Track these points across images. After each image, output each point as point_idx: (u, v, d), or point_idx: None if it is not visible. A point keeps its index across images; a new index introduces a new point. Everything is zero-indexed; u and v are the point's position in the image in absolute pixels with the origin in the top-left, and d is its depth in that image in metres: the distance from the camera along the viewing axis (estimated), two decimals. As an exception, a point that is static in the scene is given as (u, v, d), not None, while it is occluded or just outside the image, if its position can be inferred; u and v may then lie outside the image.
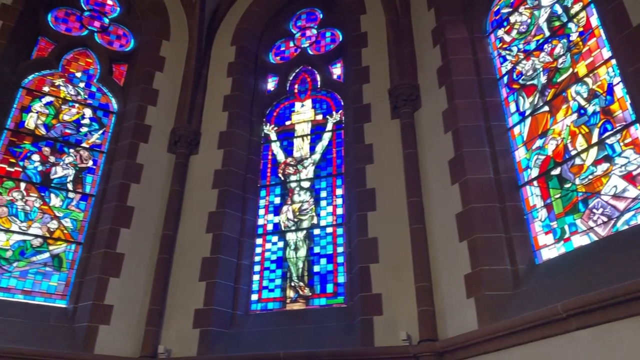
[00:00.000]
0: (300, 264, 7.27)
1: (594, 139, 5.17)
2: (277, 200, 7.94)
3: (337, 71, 8.80)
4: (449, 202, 6.07)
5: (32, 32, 8.48)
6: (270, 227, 7.72)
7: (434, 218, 6.25)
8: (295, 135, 8.44)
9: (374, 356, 5.81)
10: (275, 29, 9.55)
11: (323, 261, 7.18)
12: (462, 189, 5.95)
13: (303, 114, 8.61)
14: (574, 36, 5.83)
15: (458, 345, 5.29)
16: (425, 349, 5.51)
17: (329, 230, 7.38)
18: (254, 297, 7.18)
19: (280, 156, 8.31)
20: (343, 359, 5.94)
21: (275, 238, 7.62)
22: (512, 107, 6.35)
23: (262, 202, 7.95)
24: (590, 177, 5.10)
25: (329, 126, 8.30)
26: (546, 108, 5.89)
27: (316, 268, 7.16)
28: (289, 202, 7.82)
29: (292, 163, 8.17)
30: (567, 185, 5.33)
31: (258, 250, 7.54)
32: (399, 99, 7.14)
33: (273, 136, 8.55)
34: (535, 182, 5.70)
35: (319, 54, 9.04)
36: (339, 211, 7.46)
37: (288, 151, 8.33)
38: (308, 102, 8.71)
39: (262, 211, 7.88)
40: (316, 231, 7.45)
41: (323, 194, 7.72)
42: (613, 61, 5.21)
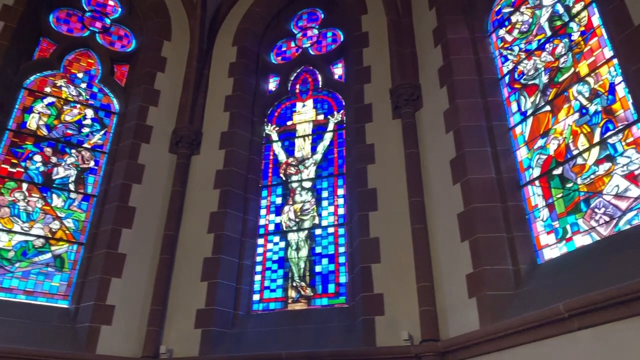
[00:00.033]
0: (301, 264, 7.27)
1: (596, 139, 5.16)
2: (279, 200, 7.94)
3: (339, 71, 8.79)
4: (451, 202, 6.06)
5: (34, 33, 8.50)
6: (271, 227, 7.73)
7: (436, 218, 6.25)
8: (296, 135, 8.44)
9: (376, 356, 5.81)
10: (276, 29, 9.55)
11: (325, 261, 7.18)
12: (464, 189, 5.95)
13: (304, 114, 8.61)
14: (576, 36, 5.82)
15: (460, 345, 5.29)
16: (427, 349, 5.50)
17: (331, 230, 7.38)
18: (256, 297, 7.18)
19: (281, 156, 8.32)
20: (345, 359, 5.95)
21: (276, 238, 7.62)
22: (514, 107, 6.34)
23: (264, 202, 7.95)
24: (592, 177, 5.09)
25: (331, 126, 8.30)
26: (548, 108, 5.88)
27: (318, 268, 7.16)
28: (291, 202, 7.82)
29: (294, 163, 8.17)
30: (569, 185, 5.32)
31: (260, 250, 7.55)
32: (401, 99, 7.14)
33: (274, 136, 8.55)
34: (537, 182, 5.69)
35: (320, 54, 9.04)
36: (341, 211, 7.45)
37: (289, 151, 8.33)
38: (309, 102, 8.71)
39: (264, 211, 7.88)
40: (318, 231, 7.45)
41: (324, 194, 7.72)
42: (615, 60, 5.20)
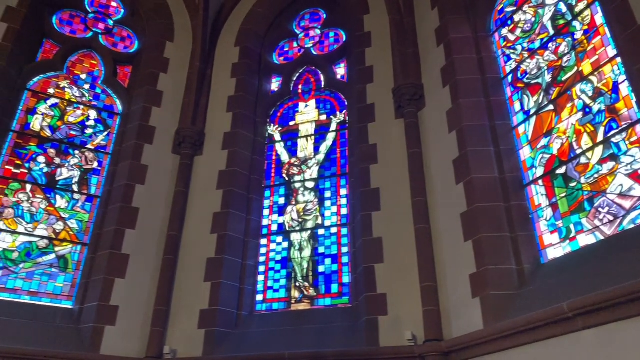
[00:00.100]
0: (305, 264, 7.27)
1: (600, 138, 5.15)
2: (282, 200, 7.94)
3: (341, 71, 8.79)
4: (454, 202, 6.05)
5: (37, 35, 8.53)
6: (274, 228, 7.73)
7: (439, 218, 6.24)
8: (299, 135, 8.44)
9: (379, 356, 5.80)
10: (278, 30, 9.56)
11: (328, 261, 7.18)
12: (467, 189, 5.94)
13: (307, 114, 8.61)
14: (579, 34, 5.80)
15: (463, 345, 5.28)
16: (430, 349, 5.50)
17: (334, 230, 7.38)
18: (259, 298, 7.18)
19: (284, 156, 8.32)
20: (348, 359, 5.94)
21: (279, 238, 7.62)
22: (517, 106, 6.33)
23: (267, 203, 7.95)
24: (595, 176, 5.08)
25: (333, 126, 8.30)
26: (551, 107, 5.86)
27: (321, 268, 7.16)
28: (294, 203, 7.82)
29: (297, 163, 8.17)
30: (573, 184, 5.30)
31: (263, 250, 7.55)
32: (403, 99, 7.13)
33: (277, 136, 8.55)
34: (540, 181, 5.67)
35: (323, 54, 9.04)
36: (344, 211, 7.45)
37: (292, 151, 8.33)
38: (312, 103, 8.71)
39: (267, 211, 7.88)
40: (321, 231, 7.45)
41: (327, 194, 7.72)
42: (618, 59, 5.19)
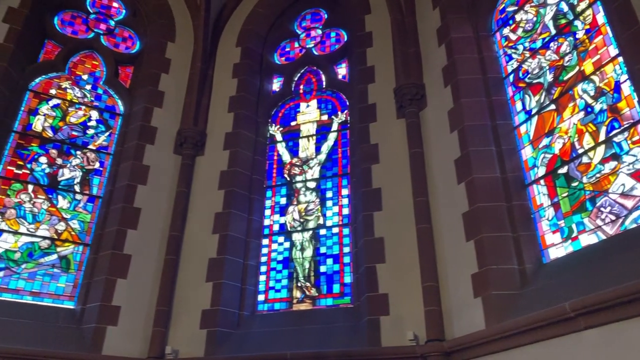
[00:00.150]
0: (306, 265, 7.27)
1: (601, 137, 5.14)
2: (283, 200, 7.94)
3: (342, 71, 8.79)
4: (456, 202, 6.05)
5: (39, 35, 8.54)
6: (276, 228, 7.73)
7: (441, 217, 6.23)
8: (300, 135, 8.44)
9: (381, 356, 5.80)
10: (280, 30, 9.56)
11: (329, 261, 7.17)
12: (469, 188, 5.93)
13: (308, 114, 8.61)
14: (581, 34, 5.80)
15: (465, 345, 5.27)
16: (432, 349, 5.49)
17: (335, 230, 7.37)
18: (261, 298, 7.18)
19: (285, 157, 8.32)
20: (350, 359, 5.94)
21: (281, 238, 7.62)
22: (518, 106, 6.32)
23: (268, 203, 7.96)
24: (597, 176, 5.07)
25: (335, 126, 8.30)
26: (552, 106, 5.85)
27: (322, 268, 7.16)
28: (295, 203, 7.82)
29: (298, 163, 8.17)
30: (575, 183, 5.30)
31: (264, 250, 7.55)
32: (405, 99, 7.13)
33: (278, 137, 8.55)
34: (542, 181, 5.67)
35: (324, 54, 9.04)
36: (345, 211, 7.45)
37: (293, 151, 8.33)
38: (313, 103, 8.71)
39: (268, 212, 7.89)
40: (322, 231, 7.45)
41: (329, 194, 7.72)
42: (620, 59, 5.18)
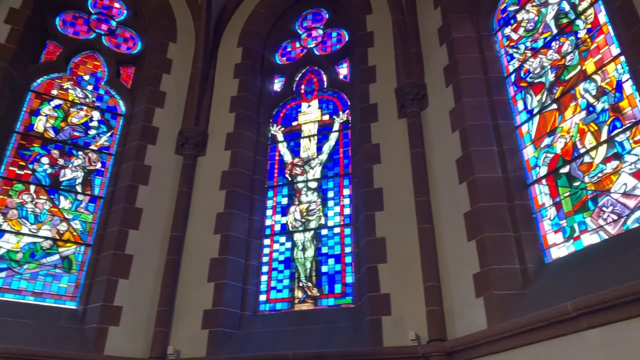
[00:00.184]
0: (308, 265, 7.27)
1: (603, 137, 5.13)
2: (285, 200, 7.94)
3: (344, 71, 8.79)
4: (457, 201, 6.04)
5: (41, 36, 8.55)
6: (277, 228, 7.73)
7: (442, 217, 6.23)
8: (302, 135, 8.44)
9: (383, 356, 5.79)
10: (281, 30, 9.56)
11: (331, 261, 7.17)
12: (470, 188, 5.92)
13: (310, 115, 8.61)
14: (582, 33, 5.79)
15: (467, 345, 5.26)
16: (434, 349, 5.49)
17: (337, 230, 7.37)
18: (262, 298, 7.19)
19: (287, 157, 8.32)
20: (352, 359, 5.94)
21: (283, 239, 7.62)
22: (520, 105, 6.31)
23: (270, 203, 7.96)
24: (599, 175, 5.06)
25: (336, 126, 8.29)
26: (554, 106, 5.84)
27: (324, 268, 7.16)
28: (297, 203, 7.82)
29: (299, 163, 8.17)
30: (576, 183, 5.29)
31: (266, 250, 7.55)
32: (406, 98, 7.12)
33: (280, 137, 8.56)
34: (543, 181, 5.66)
35: (325, 54, 9.04)
36: (347, 211, 7.45)
37: (295, 152, 8.33)
38: (314, 103, 8.71)
39: (270, 212, 7.89)
40: (324, 231, 7.44)
41: (330, 194, 7.72)
42: (622, 58, 5.17)
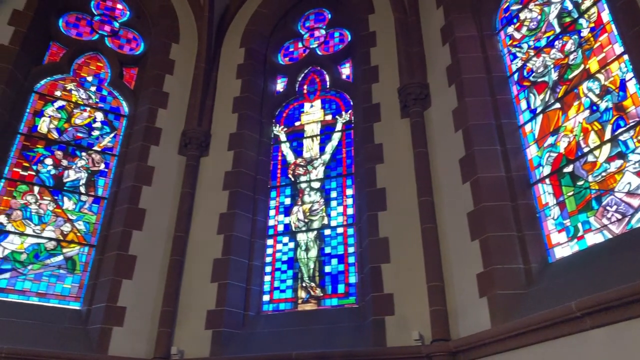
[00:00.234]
0: (311, 265, 7.27)
1: (607, 136, 5.11)
2: (288, 201, 7.94)
3: (346, 71, 8.79)
4: (461, 201, 6.03)
5: (44, 38, 8.58)
6: (280, 228, 7.73)
7: (445, 217, 6.22)
8: (304, 135, 8.44)
9: (386, 356, 5.79)
10: (283, 30, 9.57)
11: (334, 261, 7.17)
12: (474, 188, 5.92)
13: (312, 115, 8.62)
14: (585, 32, 5.77)
15: (471, 345, 5.26)
16: (437, 349, 5.48)
17: (340, 230, 7.37)
18: (266, 298, 7.19)
19: (290, 157, 8.32)
20: (355, 359, 5.94)
21: (286, 239, 7.63)
22: (523, 105, 6.30)
23: (273, 203, 7.96)
24: (603, 174, 5.04)
25: (339, 126, 8.29)
26: (558, 105, 5.83)
27: (327, 268, 7.16)
28: (299, 203, 7.82)
29: (302, 164, 8.17)
30: (580, 182, 5.27)
31: (269, 251, 7.56)
32: (409, 98, 7.11)
33: (283, 137, 8.56)
34: (547, 180, 5.64)
35: (328, 54, 9.04)
36: (350, 211, 7.44)
37: (298, 152, 8.33)
38: (317, 103, 8.71)
39: (273, 212, 7.89)
40: (327, 231, 7.44)
41: (333, 194, 7.71)
42: (625, 57, 5.15)
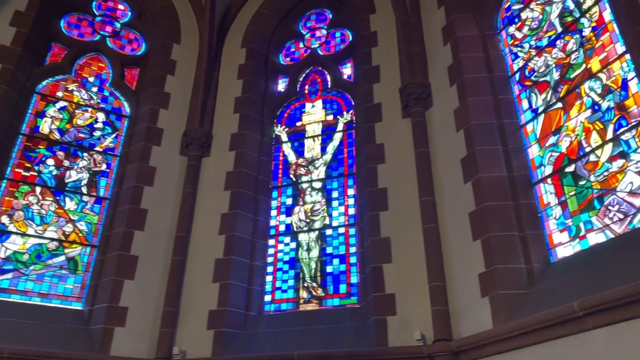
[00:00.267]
0: (312, 265, 7.27)
1: (609, 135, 5.10)
2: (289, 201, 7.94)
3: (348, 71, 8.78)
4: (462, 201, 6.02)
5: (46, 38, 8.59)
6: (282, 228, 7.73)
7: (447, 217, 6.21)
8: (306, 135, 8.44)
9: (388, 356, 5.79)
10: (284, 30, 9.57)
11: (336, 261, 7.17)
12: (475, 188, 5.91)
13: (314, 115, 8.61)
14: (587, 31, 5.76)
15: (473, 345, 5.25)
16: (439, 349, 5.48)
17: (341, 230, 7.37)
18: (267, 298, 7.19)
19: (291, 157, 8.32)
20: (357, 359, 5.93)
21: (287, 239, 7.63)
22: (525, 104, 6.29)
23: (274, 203, 7.96)
24: (605, 174, 5.03)
25: (340, 126, 8.29)
26: (559, 104, 5.82)
27: (329, 268, 7.15)
28: (301, 203, 7.82)
29: (304, 164, 8.17)
30: (582, 182, 5.26)
31: (271, 251, 7.55)
32: (410, 98, 7.11)
33: (284, 137, 8.56)
34: (549, 180, 5.63)
35: (329, 54, 9.03)
36: (351, 211, 7.44)
37: (299, 152, 8.33)
38: (318, 103, 8.71)
39: (274, 212, 7.89)
40: (328, 231, 7.44)
41: (335, 194, 7.71)
42: (627, 56, 5.14)
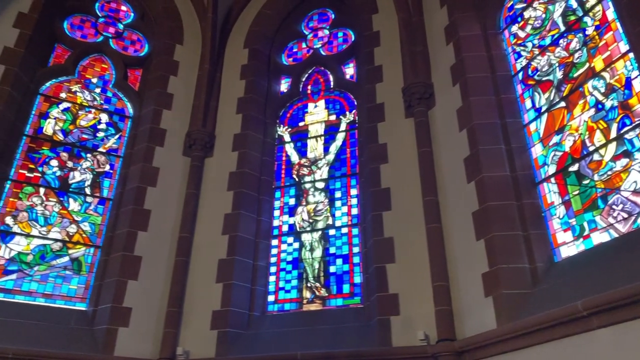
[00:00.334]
0: (316, 265, 7.27)
1: (613, 134, 5.09)
2: (292, 201, 7.95)
3: (350, 71, 8.78)
4: (465, 201, 6.02)
5: (49, 40, 8.63)
6: (285, 228, 7.74)
7: (450, 217, 6.20)
8: (309, 136, 8.44)
9: (392, 356, 5.79)
10: (287, 31, 9.57)
11: (339, 261, 7.17)
12: (478, 187, 5.90)
13: (316, 115, 8.62)
14: (590, 30, 5.74)
15: (476, 344, 5.24)
16: (443, 349, 5.47)
17: (345, 230, 7.37)
18: (271, 298, 7.20)
19: (294, 157, 8.32)
20: (361, 359, 5.93)
21: (290, 239, 7.63)
22: (528, 104, 6.27)
23: (277, 204, 7.97)
24: (609, 173, 5.01)
25: (343, 126, 8.29)
26: (563, 104, 5.81)
27: (332, 268, 7.15)
28: (304, 203, 7.83)
29: (306, 164, 8.17)
30: (586, 181, 5.25)
31: (274, 251, 7.56)
32: (413, 98, 7.11)
33: (287, 137, 8.56)
34: (552, 179, 5.62)
35: (332, 54, 9.04)
36: (354, 211, 7.44)
37: (302, 152, 8.34)
38: (321, 103, 8.71)
39: (277, 212, 7.90)
40: (331, 232, 7.44)
41: (338, 195, 7.71)
42: (630, 55, 5.12)
